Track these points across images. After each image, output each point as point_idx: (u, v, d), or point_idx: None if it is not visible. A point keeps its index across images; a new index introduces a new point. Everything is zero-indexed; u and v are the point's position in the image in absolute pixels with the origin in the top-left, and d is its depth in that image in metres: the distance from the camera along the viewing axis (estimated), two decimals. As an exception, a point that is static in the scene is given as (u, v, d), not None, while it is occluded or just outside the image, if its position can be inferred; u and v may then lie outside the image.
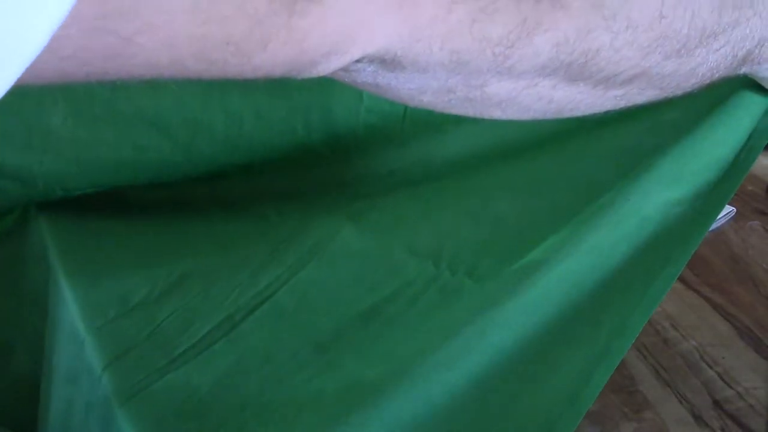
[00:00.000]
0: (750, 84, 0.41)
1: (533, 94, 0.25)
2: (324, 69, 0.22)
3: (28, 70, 0.16)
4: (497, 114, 0.26)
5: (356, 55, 0.22)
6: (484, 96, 0.24)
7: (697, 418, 0.91)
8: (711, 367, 1.01)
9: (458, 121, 0.52)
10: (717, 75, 0.29)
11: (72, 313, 0.48)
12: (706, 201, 0.44)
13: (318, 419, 0.44)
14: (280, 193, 0.54)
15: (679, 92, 0.29)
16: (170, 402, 0.45)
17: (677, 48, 0.25)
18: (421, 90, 0.25)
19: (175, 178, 0.55)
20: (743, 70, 0.32)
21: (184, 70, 0.20)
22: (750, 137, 0.45)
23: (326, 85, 0.54)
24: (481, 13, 0.21)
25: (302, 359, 0.45)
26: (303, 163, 0.54)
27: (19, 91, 0.18)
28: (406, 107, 0.53)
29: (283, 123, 0.54)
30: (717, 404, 0.94)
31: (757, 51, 0.29)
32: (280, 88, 0.56)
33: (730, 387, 0.96)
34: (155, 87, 0.55)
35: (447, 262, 0.47)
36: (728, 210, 1.49)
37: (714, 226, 1.44)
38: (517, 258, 0.46)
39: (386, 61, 0.23)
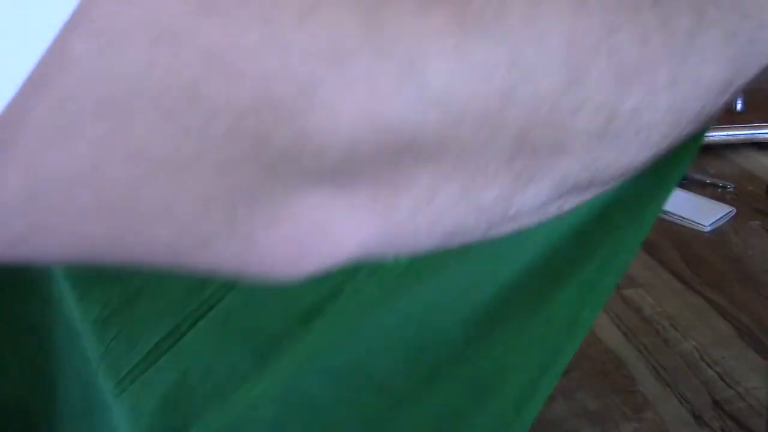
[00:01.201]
0: None
1: (539, 215, 0.23)
2: (287, 281, 0.19)
3: None
4: (511, 229, 0.24)
5: (324, 264, 0.19)
6: (485, 236, 0.23)
7: (697, 418, 0.91)
8: (711, 367, 1.01)
9: None
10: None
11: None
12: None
13: None
14: None
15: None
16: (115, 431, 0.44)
17: (692, 126, 0.22)
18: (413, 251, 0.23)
19: None
20: None
21: (104, 264, 0.17)
22: None
23: None
24: (471, 182, 0.19)
25: (243, 371, 0.45)
26: None
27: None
28: None
29: None
30: (717, 404, 0.94)
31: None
32: None
33: (730, 387, 0.96)
34: None
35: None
36: (728, 210, 1.49)
37: (714, 226, 1.44)
38: None
39: (365, 260, 0.20)
